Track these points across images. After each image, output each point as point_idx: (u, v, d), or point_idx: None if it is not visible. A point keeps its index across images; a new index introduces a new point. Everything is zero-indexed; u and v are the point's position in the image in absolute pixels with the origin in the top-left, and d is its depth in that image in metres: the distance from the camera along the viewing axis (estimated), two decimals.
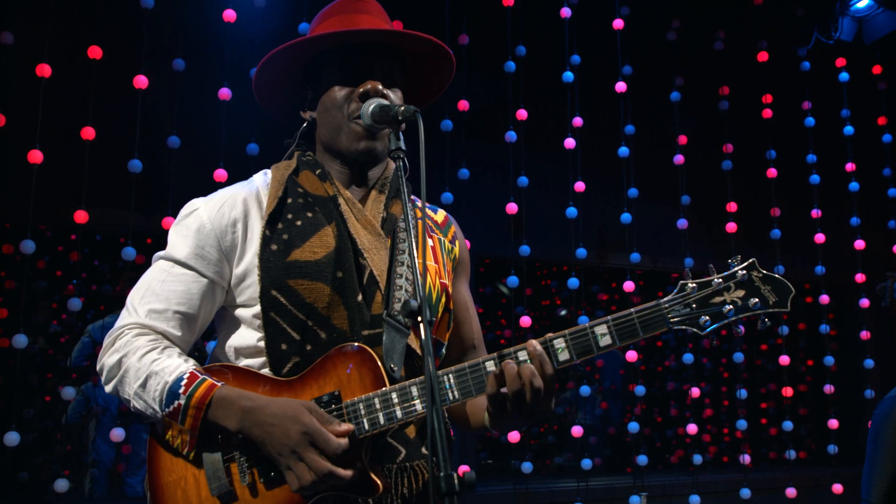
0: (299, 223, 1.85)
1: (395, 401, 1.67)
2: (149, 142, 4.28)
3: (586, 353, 1.67)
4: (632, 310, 1.67)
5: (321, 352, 1.76)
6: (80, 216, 4.07)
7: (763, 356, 8.59)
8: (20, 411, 4.97)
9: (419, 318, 1.46)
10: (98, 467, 5.97)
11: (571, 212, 5.06)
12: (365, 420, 1.67)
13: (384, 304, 1.82)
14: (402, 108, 1.75)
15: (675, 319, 1.68)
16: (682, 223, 5.46)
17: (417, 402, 1.68)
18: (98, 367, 1.84)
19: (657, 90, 5.71)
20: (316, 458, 1.58)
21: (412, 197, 2.14)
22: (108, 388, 1.82)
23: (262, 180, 1.97)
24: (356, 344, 1.74)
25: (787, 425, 5.46)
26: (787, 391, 5.70)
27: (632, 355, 5.18)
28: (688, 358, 5.25)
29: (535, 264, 7.37)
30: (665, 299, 1.69)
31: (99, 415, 5.88)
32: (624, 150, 5.24)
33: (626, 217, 5.24)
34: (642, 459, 5.12)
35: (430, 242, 2.02)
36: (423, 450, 1.84)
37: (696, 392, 5.36)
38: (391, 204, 1.97)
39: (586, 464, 4.96)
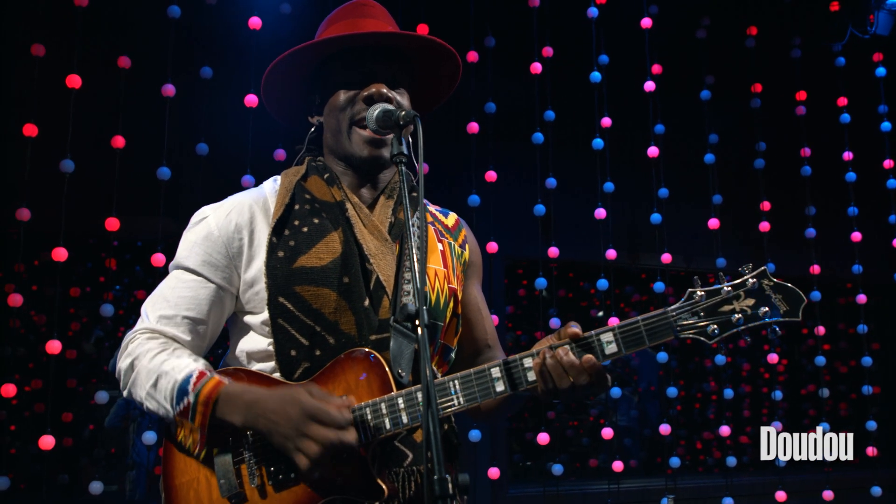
0: (306, 229, 1.86)
1: (402, 406, 1.68)
2: (177, 149, 4.35)
3: None
4: (638, 317, 1.65)
5: (330, 357, 1.77)
6: (112, 223, 4.15)
7: (804, 357, 8.44)
8: (57, 415, 5.07)
9: (417, 322, 1.47)
10: (137, 469, 6.07)
11: (600, 213, 5.03)
12: (371, 425, 1.68)
13: (391, 310, 1.83)
14: (403, 112, 1.76)
15: (683, 327, 1.66)
16: (714, 223, 5.38)
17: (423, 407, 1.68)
18: (116, 372, 1.88)
19: (687, 89, 5.64)
20: (320, 430, 1.59)
21: (424, 201, 2.15)
22: (124, 392, 1.86)
23: (270, 187, 1.99)
24: (365, 349, 1.75)
25: (824, 426, 5.35)
26: (825, 392, 5.60)
27: (662, 356, 5.14)
28: (720, 359, 5.19)
29: (567, 267, 7.32)
30: (672, 307, 1.66)
31: (139, 418, 5.99)
32: (654, 150, 5.19)
33: (655, 217, 5.20)
34: (674, 461, 5.07)
35: (439, 247, 2.02)
36: (430, 453, 1.85)
37: (729, 393, 5.28)
38: (400, 209, 1.98)
39: (617, 466, 4.92)
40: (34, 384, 5.43)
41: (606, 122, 5.11)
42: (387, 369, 1.72)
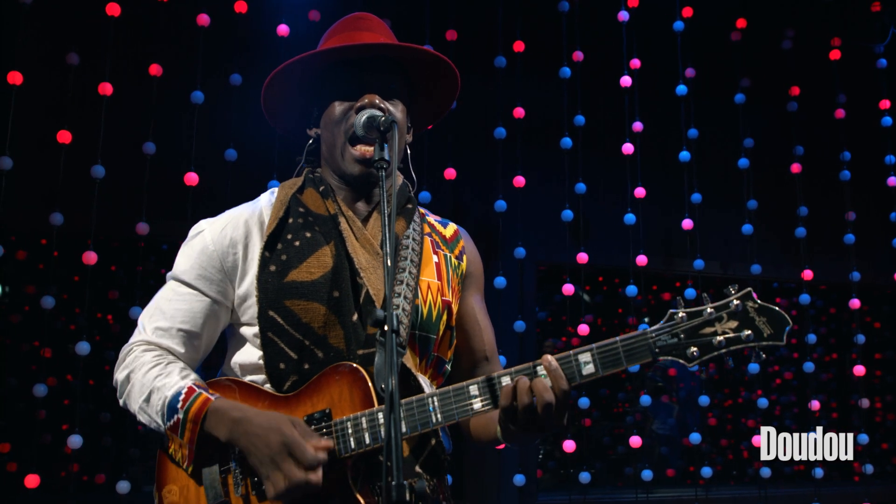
0: (298, 243, 1.88)
1: (381, 420, 1.68)
2: (206, 155, 4.41)
3: (569, 380, 1.66)
4: (617, 338, 1.65)
5: (318, 370, 1.79)
6: (142, 228, 4.23)
7: (853, 365, 8.22)
8: (87, 415, 5.18)
9: (385, 328, 1.48)
10: None
11: (630, 218, 4.97)
12: (352, 438, 1.70)
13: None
14: (383, 118, 1.78)
15: (662, 349, 1.64)
16: (748, 229, 5.28)
17: (403, 422, 1.68)
18: (113, 382, 1.92)
19: (721, 92, 5.54)
20: (291, 467, 1.61)
21: (423, 211, 2.15)
22: (120, 402, 1.90)
23: (267, 200, 2.01)
24: (351, 364, 1.77)
25: (863, 438, 5.20)
26: (864, 402, 5.46)
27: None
28: (753, 368, 5.09)
29: (603, 273, 7.25)
30: (652, 328, 1.66)
31: None
32: (685, 155, 5.11)
33: (688, 223, 5.12)
34: (706, 471, 4.98)
35: (434, 259, 2.02)
36: (417, 468, 1.85)
37: (763, 402, 5.17)
38: (395, 222, 1.98)
39: (647, 475, 4.85)
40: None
41: (638, 126, 5.05)
42: (369, 384, 1.73)
